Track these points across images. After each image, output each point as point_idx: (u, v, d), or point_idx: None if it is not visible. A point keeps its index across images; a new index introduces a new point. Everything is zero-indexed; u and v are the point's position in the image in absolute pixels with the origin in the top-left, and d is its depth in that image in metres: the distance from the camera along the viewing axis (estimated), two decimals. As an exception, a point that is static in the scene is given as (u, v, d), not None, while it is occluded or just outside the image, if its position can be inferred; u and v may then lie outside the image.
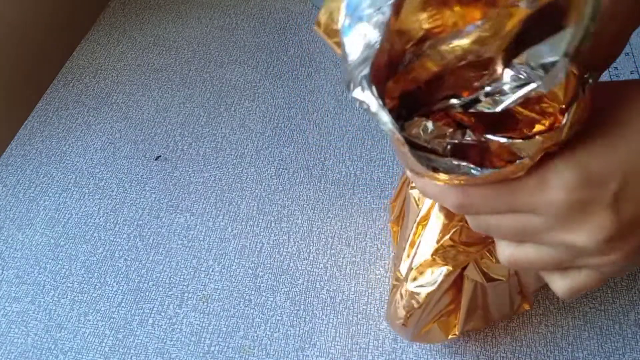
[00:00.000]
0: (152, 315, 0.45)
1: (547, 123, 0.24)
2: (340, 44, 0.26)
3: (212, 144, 0.57)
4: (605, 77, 0.61)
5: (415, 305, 0.36)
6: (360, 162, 0.55)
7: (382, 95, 0.21)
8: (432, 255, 0.35)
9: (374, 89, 0.21)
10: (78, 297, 0.46)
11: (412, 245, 0.37)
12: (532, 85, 0.22)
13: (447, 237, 0.35)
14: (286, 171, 0.55)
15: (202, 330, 0.44)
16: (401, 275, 0.37)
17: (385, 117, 0.21)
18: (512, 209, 0.26)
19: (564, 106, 0.23)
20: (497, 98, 0.23)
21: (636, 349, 0.42)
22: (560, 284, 0.29)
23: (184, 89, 0.62)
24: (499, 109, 0.23)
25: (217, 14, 0.71)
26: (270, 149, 0.56)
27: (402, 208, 0.43)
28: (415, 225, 0.37)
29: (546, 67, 0.21)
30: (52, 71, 0.64)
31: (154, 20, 0.71)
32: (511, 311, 0.41)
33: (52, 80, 0.63)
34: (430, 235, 0.36)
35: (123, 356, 0.43)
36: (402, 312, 0.37)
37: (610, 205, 0.24)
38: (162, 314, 0.45)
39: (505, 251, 0.29)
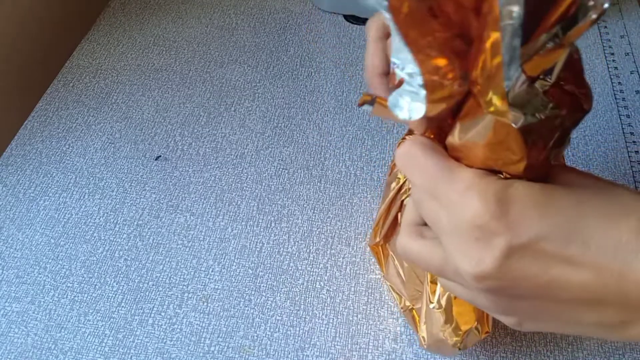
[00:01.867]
0: (152, 315, 0.45)
1: None
2: None
3: (212, 144, 0.57)
4: (605, 76, 0.61)
5: (466, 328, 0.36)
6: (360, 162, 0.55)
7: None
8: None
9: None
10: (78, 297, 0.46)
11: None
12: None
13: None
14: (286, 171, 0.55)
15: (202, 330, 0.44)
16: (439, 304, 0.37)
17: None
18: (435, 193, 0.26)
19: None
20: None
21: (636, 349, 0.42)
22: (441, 281, 0.30)
23: (184, 89, 0.62)
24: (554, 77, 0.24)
25: (217, 14, 0.71)
26: (270, 149, 0.56)
27: (388, 233, 0.43)
28: None
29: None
30: (52, 71, 0.64)
31: (154, 20, 0.71)
32: None
33: (52, 80, 0.63)
34: None
35: (123, 356, 0.43)
36: (455, 339, 0.36)
37: (503, 254, 0.24)
38: (162, 314, 0.45)
39: (402, 240, 0.29)
